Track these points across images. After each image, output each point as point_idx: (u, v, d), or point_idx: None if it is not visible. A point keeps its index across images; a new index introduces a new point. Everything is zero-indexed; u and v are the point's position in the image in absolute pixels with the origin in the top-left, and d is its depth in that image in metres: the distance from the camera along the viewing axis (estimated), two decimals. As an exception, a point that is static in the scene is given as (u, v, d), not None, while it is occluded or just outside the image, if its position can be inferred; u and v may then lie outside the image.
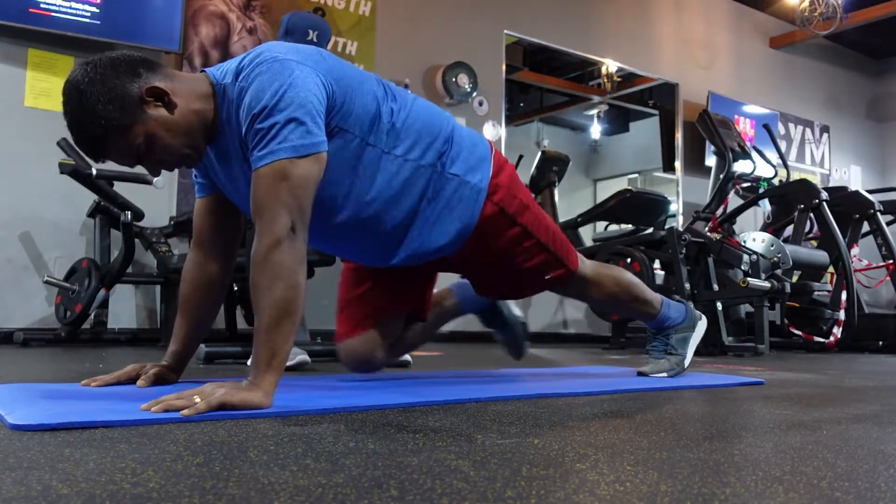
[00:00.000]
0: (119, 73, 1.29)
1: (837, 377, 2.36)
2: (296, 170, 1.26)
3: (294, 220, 1.26)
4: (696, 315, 2.03)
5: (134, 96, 1.29)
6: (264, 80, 1.29)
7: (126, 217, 3.23)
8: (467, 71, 4.97)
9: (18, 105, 3.66)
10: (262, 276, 1.24)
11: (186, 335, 1.56)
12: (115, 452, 0.85)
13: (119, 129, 1.29)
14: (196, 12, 4.16)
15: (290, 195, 1.26)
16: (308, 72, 1.32)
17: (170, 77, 1.35)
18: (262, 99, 1.27)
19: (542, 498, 0.69)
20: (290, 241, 1.25)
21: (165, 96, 1.31)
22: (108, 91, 1.27)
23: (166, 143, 1.33)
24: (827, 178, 7.30)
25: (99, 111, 1.26)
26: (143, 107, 1.30)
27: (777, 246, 3.95)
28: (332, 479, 0.74)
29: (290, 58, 1.32)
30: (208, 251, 1.55)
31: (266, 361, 1.22)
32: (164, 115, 1.32)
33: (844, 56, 7.69)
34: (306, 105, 1.28)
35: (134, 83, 1.29)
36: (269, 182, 1.26)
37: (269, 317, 1.22)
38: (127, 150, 1.32)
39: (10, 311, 3.55)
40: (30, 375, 1.86)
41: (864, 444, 1.05)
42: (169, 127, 1.33)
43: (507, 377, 1.99)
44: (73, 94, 1.28)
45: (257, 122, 1.28)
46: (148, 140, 1.32)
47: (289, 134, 1.26)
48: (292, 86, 1.28)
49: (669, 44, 6.35)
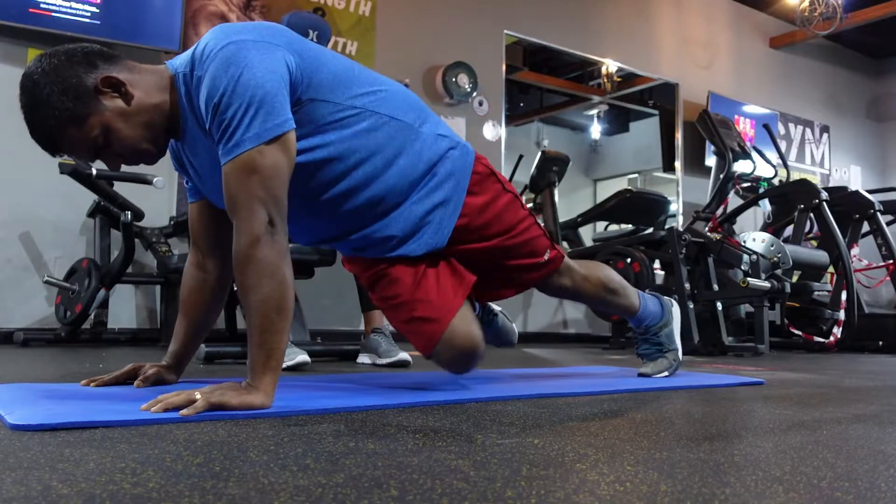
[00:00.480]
0: (74, 64, 1.26)
1: (837, 377, 2.36)
2: (264, 160, 1.23)
3: (271, 213, 1.23)
4: (668, 304, 2.02)
5: (88, 87, 1.26)
6: (218, 66, 1.24)
7: (126, 217, 3.23)
8: (467, 71, 4.97)
9: (18, 105, 3.65)
10: (247, 275, 1.22)
11: (186, 336, 1.55)
12: (115, 452, 0.85)
13: (73, 120, 1.26)
14: (196, 12, 4.16)
15: (263, 188, 1.22)
16: (265, 47, 1.27)
17: (129, 69, 1.32)
18: (219, 87, 1.23)
19: (542, 498, 0.69)
20: (270, 236, 1.22)
21: (122, 87, 1.28)
22: (61, 81, 1.24)
23: (123, 135, 1.30)
24: (827, 178, 7.30)
25: (52, 102, 1.24)
26: (99, 97, 1.27)
27: (777, 246, 3.95)
28: (332, 479, 0.74)
29: (244, 38, 1.28)
30: (206, 253, 1.54)
31: (262, 362, 1.21)
32: (120, 106, 1.29)
33: (844, 56, 7.69)
34: (265, 85, 1.23)
35: (90, 74, 1.26)
36: (239, 177, 1.23)
37: (261, 317, 1.21)
38: (83, 142, 1.29)
39: (10, 311, 3.55)
40: (30, 375, 1.86)
41: (864, 444, 1.05)
42: (126, 118, 1.29)
43: (507, 377, 1.99)
44: (27, 86, 1.26)
45: (218, 113, 1.24)
46: (104, 132, 1.28)
47: (250, 121, 1.22)
48: (247, 66, 1.23)
49: (669, 44, 6.35)
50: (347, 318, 4.23)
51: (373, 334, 2.60)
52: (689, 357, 3.48)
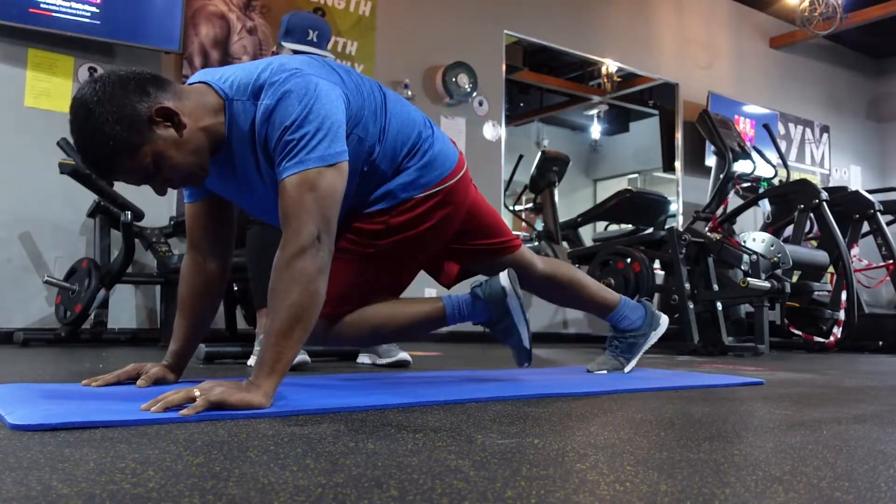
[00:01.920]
0: (128, 92, 1.27)
1: (837, 377, 2.36)
2: (322, 180, 1.30)
3: (320, 229, 1.29)
4: (655, 318, 2.10)
5: (143, 116, 1.28)
6: (293, 95, 1.33)
7: (126, 217, 3.23)
8: (467, 71, 4.97)
9: (18, 105, 3.65)
10: (281, 280, 1.26)
11: (186, 335, 1.57)
12: (115, 452, 0.85)
13: (128, 149, 1.28)
14: (196, 12, 4.16)
15: (317, 205, 1.29)
16: (329, 86, 1.38)
17: (178, 95, 1.34)
18: (293, 113, 1.31)
19: (542, 498, 0.69)
20: (315, 250, 1.27)
21: (175, 116, 1.31)
22: (116, 111, 1.25)
23: (175, 163, 1.33)
24: (827, 178, 7.30)
25: (107, 131, 1.25)
26: (153, 127, 1.29)
27: (777, 246, 3.95)
28: (332, 479, 0.74)
29: (310, 72, 1.37)
30: (203, 253, 1.57)
31: (271, 364, 1.22)
32: (172, 136, 1.31)
33: (844, 56, 7.69)
34: (332, 117, 1.34)
35: (143, 102, 1.28)
36: (297, 192, 1.29)
37: (283, 321, 1.23)
38: (135, 170, 1.32)
39: (10, 311, 3.55)
40: (30, 375, 1.86)
41: (864, 444, 1.05)
42: (178, 147, 1.32)
43: (507, 377, 1.99)
44: (82, 113, 1.27)
45: (287, 133, 1.31)
46: (156, 160, 1.31)
47: (316, 144, 1.30)
48: (318, 98, 1.33)
49: (669, 44, 6.35)
50: (347, 318, 4.22)
51: (373, 334, 2.60)
52: (690, 357, 3.48)
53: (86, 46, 3.78)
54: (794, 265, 4.09)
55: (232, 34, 4.27)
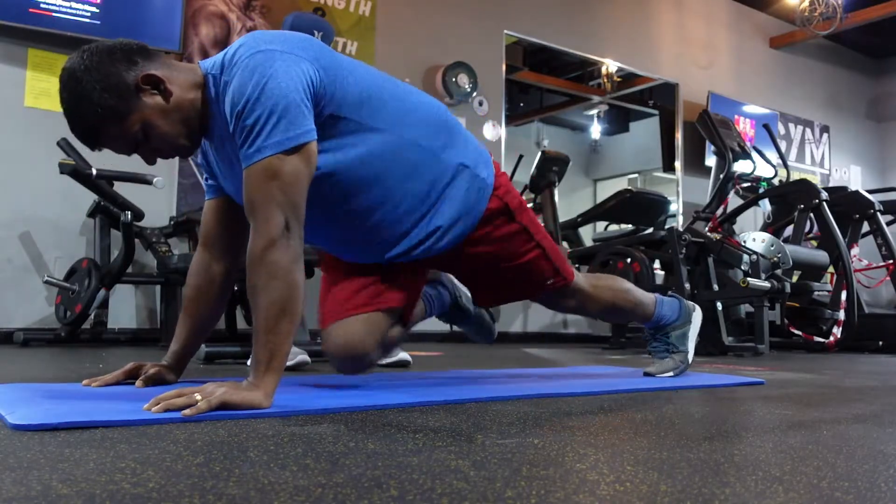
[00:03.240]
0: (115, 61, 1.28)
1: (837, 377, 2.36)
2: (285, 166, 1.25)
3: (288, 217, 1.25)
4: (689, 308, 2.03)
5: (130, 84, 1.28)
6: (245, 74, 1.27)
7: (126, 217, 3.23)
8: (467, 71, 4.97)
9: (18, 105, 3.65)
10: (259, 276, 1.23)
11: (188, 335, 1.55)
12: (115, 452, 0.85)
13: (115, 116, 1.28)
14: (196, 12, 4.16)
15: (282, 193, 1.25)
16: (291, 59, 1.29)
17: (166, 65, 1.35)
18: (244, 94, 1.26)
19: (542, 498, 0.69)
20: (285, 240, 1.24)
21: (161, 84, 1.31)
22: (104, 78, 1.27)
23: (163, 131, 1.33)
24: (827, 178, 7.30)
25: (95, 99, 1.26)
26: (140, 94, 1.30)
27: (777, 246, 3.95)
28: (332, 479, 0.74)
29: (273, 48, 1.30)
30: (214, 253, 1.55)
31: (266, 362, 1.21)
32: (159, 103, 1.31)
33: (844, 56, 7.69)
34: (289, 95, 1.25)
35: (130, 71, 1.29)
36: (259, 181, 1.25)
37: (267, 317, 1.22)
38: (123, 138, 1.32)
39: (10, 311, 3.55)
40: (30, 375, 1.86)
41: (864, 444, 1.05)
42: (165, 114, 1.32)
43: (507, 377, 1.99)
44: (70, 83, 1.28)
45: (242, 118, 1.26)
46: (144, 128, 1.31)
47: (273, 129, 1.24)
48: (273, 76, 1.26)
49: (669, 44, 6.35)
50: (347, 318, 4.22)
51: (373, 334, 2.60)
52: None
53: (86, 46, 3.78)
54: (794, 265, 4.09)
55: (232, 34, 4.27)
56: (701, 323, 2.05)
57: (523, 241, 1.64)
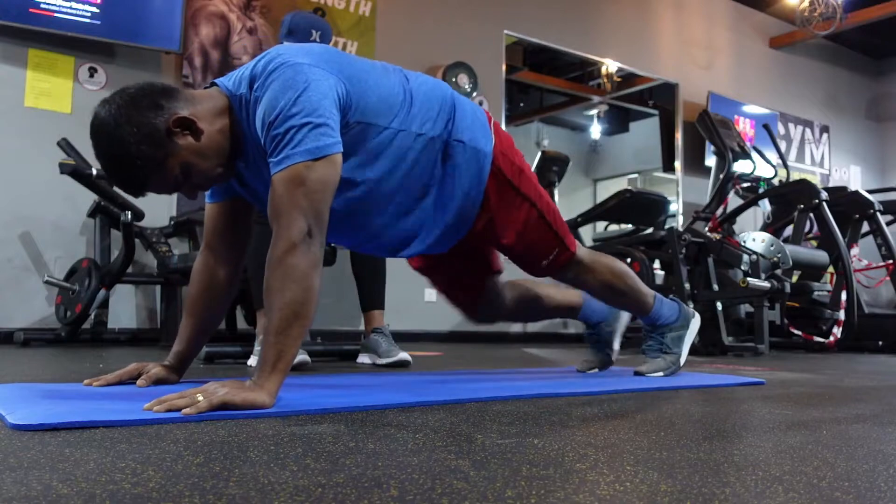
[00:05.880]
0: (142, 109, 1.30)
1: (837, 377, 2.36)
2: (312, 174, 1.28)
3: (310, 224, 1.27)
4: (689, 313, 2.05)
5: (162, 130, 1.31)
6: (277, 87, 1.31)
7: (126, 217, 3.23)
8: (467, 71, 4.97)
9: (18, 105, 3.66)
10: (276, 278, 1.25)
11: (191, 336, 1.56)
12: (116, 452, 0.85)
13: (155, 164, 1.31)
14: (196, 12, 4.16)
15: (307, 199, 1.27)
16: (320, 74, 1.34)
17: (190, 101, 1.36)
18: (277, 106, 1.29)
19: (542, 498, 0.69)
20: (306, 246, 1.26)
21: (192, 125, 1.33)
22: (137, 131, 1.29)
23: (201, 169, 1.37)
24: (827, 178, 7.30)
25: (133, 152, 1.29)
26: (173, 138, 1.32)
27: (777, 246, 3.95)
28: (332, 479, 0.74)
29: (301, 61, 1.34)
30: (218, 255, 1.56)
31: (272, 363, 1.22)
32: (192, 143, 1.34)
33: (844, 56, 7.69)
34: (319, 108, 1.30)
35: (159, 116, 1.31)
36: (286, 187, 1.28)
37: (280, 319, 1.23)
38: (165, 182, 1.36)
39: (10, 311, 3.55)
40: (30, 375, 1.86)
41: (864, 444, 1.05)
42: (200, 153, 1.35)
43: (507, 377, 1.99)
44: (104, 139, 1.30)
45: (273, 128, 1.29)
46: (184, 169, 1.35)
47: (303, 138, 1.28)
48: (306, 90, 1.30)
49: (669, 44, 6.35)
50: (347, 318, 4.23)
51: (373, 334, 2.60)
52: (690, 357, 3.47)
53: (86, 47, 3.78)
54: (794, 265, 4.09)
55: (232, 34, 4.27)
56: (700, 326, 2.07)
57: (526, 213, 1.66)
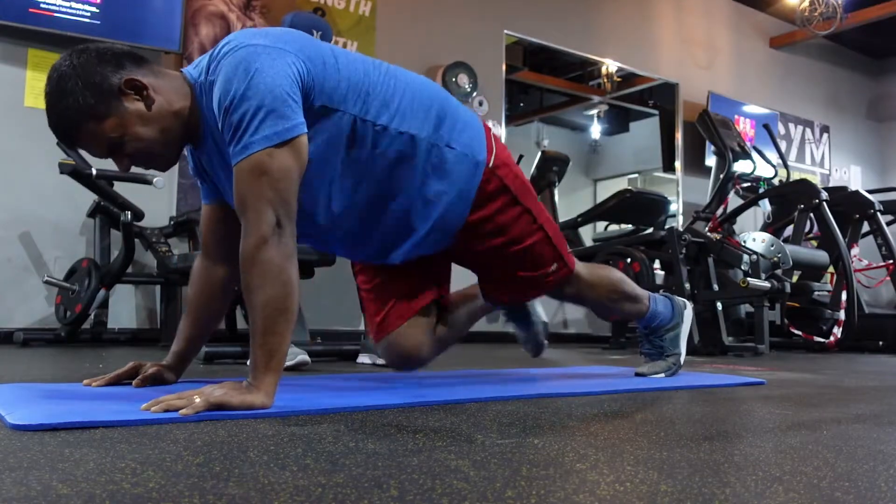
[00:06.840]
0: (103, 62, 1.29)
1: (837, 377, 2.36)
2: (274, 162, 1.23)
3: (279, 214, 1.23)
4: (680, 306, 2.01)
5: (112, 86, 1.28)
6: (229, 69, 1.26)
7: (126, 217, 3.23)
8: (467, 71, 4.97)
9: (18, 105, 3.65)
10: (252, 276, 1.22)
11: (190, 336, 1.56)
12: (115, 452, 0.85)
13: (93, 116, 1.28)
14: (196, 12, 4.16)
15: (272, 189, 1.23)
16: (276, 53, 1.28)
17: (155, 73, 1.34)
18: (230, 90, 1.24)
19: (542, 498, 0.69)
20: (277, 238, 1.23)
21: (144, 90, 1.30)
22: (87, 77, 1.27)
23: (138, 138, 1.31)
24: (827, 178, 7.30)
25: (75, 96, 1.26)
26: (121, 98, 1.29)
27: (777, 246, 3.95)
28: (332, 479, 0.74)
29: (256, 42, 1.29)
30: (214, 256, 1.55)
31: (264, 363, 1.21)
32: (140, 109, 1.30)
33: (844, 56, 7.69)
34: (275, 90, 1.24)
35: (116, 74, 1.29)
36: (249, 178, 1.23)
37: (264, 317, 1.21)
38: (99, 139, 1.31)
39: (10, 311, 3.55)
40: (30, 375, 1.86)
41: (864, 444, 1.05)
42: (144, 121, 1.31)
43: (507, 377, 1.99)
44: (54, 77, 1.28)
45: (228, 115, 1.25)
46: (121, 133, 1.30)
47: (260, 124, 1.23)
48: (258, 71, 1.24)
49: (669, 44, 6.35)
50: (347, 318, 4.23)
51: (373, 334, 2.60)
52: (690, 357, 3.47)
53: (86, 46, 3.78)
54: (794, 265, 4.09)
55: (232, 34, 4.26)
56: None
57: (527, 226, 1.61)
